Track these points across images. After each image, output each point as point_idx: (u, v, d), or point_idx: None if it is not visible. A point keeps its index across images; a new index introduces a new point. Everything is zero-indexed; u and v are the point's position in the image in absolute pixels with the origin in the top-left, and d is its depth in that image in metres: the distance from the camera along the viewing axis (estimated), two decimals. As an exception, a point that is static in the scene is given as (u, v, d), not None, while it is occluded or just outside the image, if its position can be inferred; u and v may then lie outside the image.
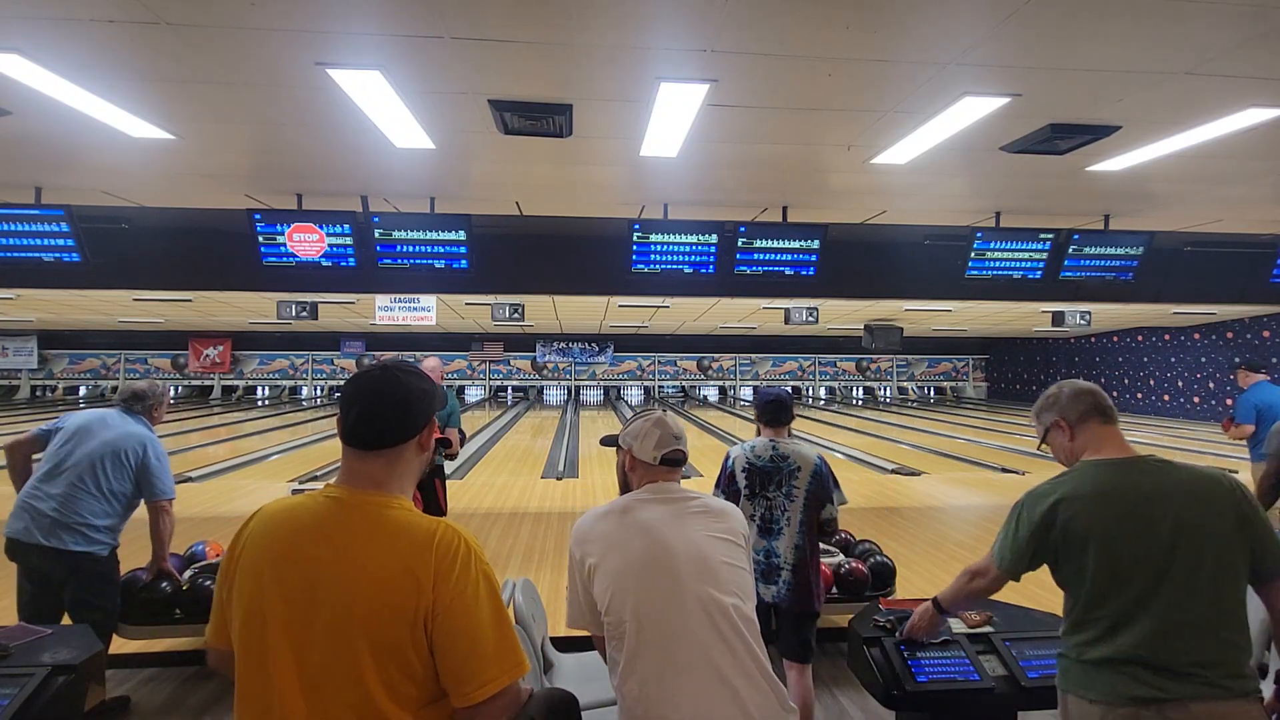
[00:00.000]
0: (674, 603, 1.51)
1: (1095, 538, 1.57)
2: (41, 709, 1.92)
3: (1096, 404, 1.73)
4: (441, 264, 5.24)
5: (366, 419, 1.22)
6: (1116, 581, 1.55)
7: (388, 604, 1.12)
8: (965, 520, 6.61)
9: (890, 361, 24.38)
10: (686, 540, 1.59)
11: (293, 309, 9.62)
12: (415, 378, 1.27)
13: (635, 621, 1.51)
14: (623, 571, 1.55)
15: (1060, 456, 1.82)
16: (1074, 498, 1.63)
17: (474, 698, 1.14)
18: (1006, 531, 1.76)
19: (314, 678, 1.11)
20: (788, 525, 2.71)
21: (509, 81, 3.18)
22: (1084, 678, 1.57)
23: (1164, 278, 6.33)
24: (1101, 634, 1.55)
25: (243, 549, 1.22)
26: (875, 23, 2.65)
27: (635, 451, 1.73)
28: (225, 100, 3.39)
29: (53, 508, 2.85)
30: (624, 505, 1.67)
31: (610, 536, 1.61)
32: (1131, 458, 1.67)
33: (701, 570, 1.55)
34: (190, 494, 7.49)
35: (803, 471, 2.77)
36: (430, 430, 1.29)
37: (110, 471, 2.95)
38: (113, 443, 2.98)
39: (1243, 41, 2.75)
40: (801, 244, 5.43)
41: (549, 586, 4.47)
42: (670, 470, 1.72)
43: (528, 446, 11.77)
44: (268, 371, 22.84)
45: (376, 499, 1.21)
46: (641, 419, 1.76)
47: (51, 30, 2.70)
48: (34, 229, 4.92)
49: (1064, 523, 1.62)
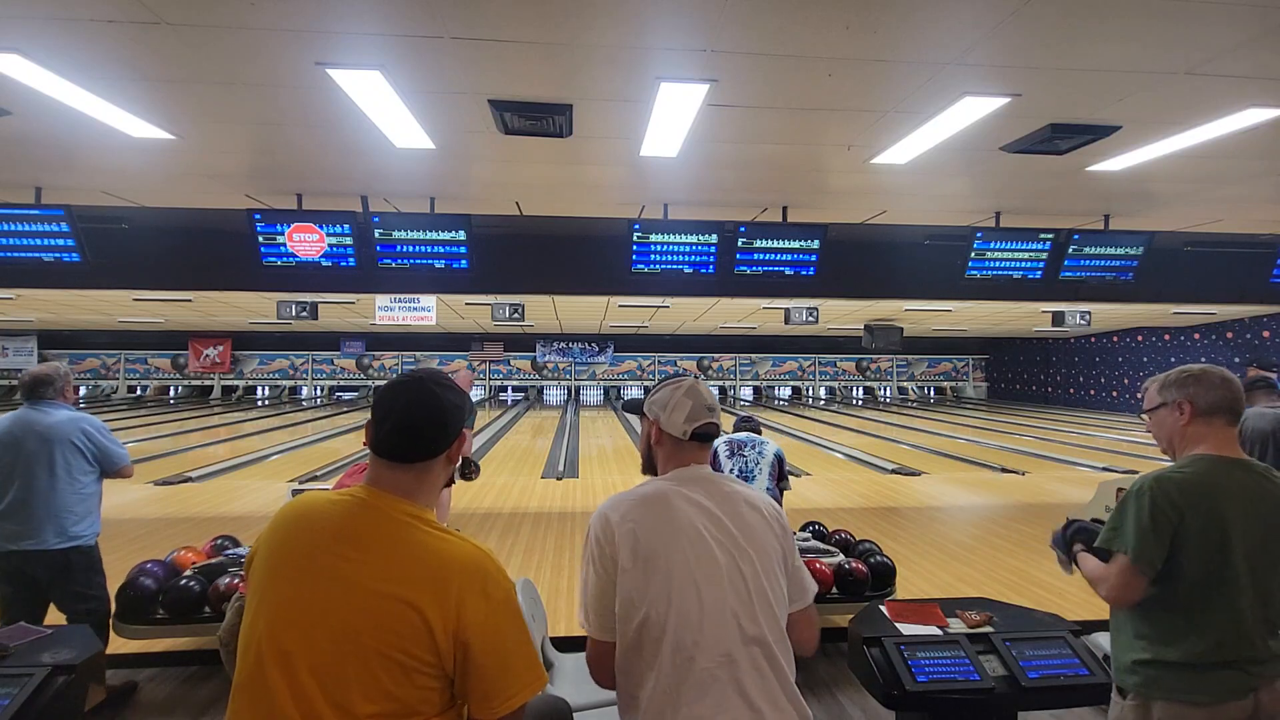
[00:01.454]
0: (709, 614, 1.36)
1: (1230, 536, 1.58)
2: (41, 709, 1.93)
3: (1233, 403, 1.69)
4: (441, 264, 5.24)
5: (401, 433, 1.22)
6: (1237, 583, 1.58)
7: (403, 618, 1.11)
8: (965, 520, 6.61)
9: (890, 361, 24.37)
10: (731, 544, 1.42)
11: (293, 309, 9.63)
12: (449, 392, 1.27)
13: (659, 628, 1.35)
14: (656, 572, 1.38)
15: (1160, 434, 1.79)
16: (1208, 493, 1.61)
17: (499, 711, 1.15)
18: (1136, 523, 1.62)
19: (311, 681, 1.09)
20: (759, 474, 3.92)
21: (509, 81, 3.18)
22: (1190, 682, 1.58)
23: (1164, 278, 6.33)
24: (1223, 636, 1.58)
25: (266, 543, 1.21)
26: (875, 23, 2.65)
27: (663, 424, 1.53)
28: (225, 100, 3.39)
29: (18, 517, 2.84)
30: (660, 493, 1.47)
31: (644, 530, 1.41)
32: (1246, 460, 1.69)
33: (741, 579, 1.39)
34: (190, 494, 7.50)
35: (766, 446, 4.07)
36: (460, 443, 1.29)
37: (68, 459, 2.92)
38: (54, 432, 2.92)
39: (1243, 41, 2.75)
40: (801, 244, 5.43)
41: (549, 586, 4.48)
42: (701, 446, 1.55)
43: (528, 446, 11.77)
44: (268, 371, 22.83)
45: (404, 508, 1.20)
46: (671, 387, 1.56)
47: (51, 30, 2.69)
48: (34, 229, 4.92)
49: (1204, 515, 1.59)
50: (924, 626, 2.33)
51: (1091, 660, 2.18)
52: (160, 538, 5.46)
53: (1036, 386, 22.18)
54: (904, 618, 2.39)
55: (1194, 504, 1.59)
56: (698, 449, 1.54)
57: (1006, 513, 6.85)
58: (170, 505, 6.91)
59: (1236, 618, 1.58)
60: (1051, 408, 20.05)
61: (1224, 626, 1.58)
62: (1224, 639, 1.58)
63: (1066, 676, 2.11)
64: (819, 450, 11.57)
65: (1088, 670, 2.13)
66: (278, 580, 1.16)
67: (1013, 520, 6.48)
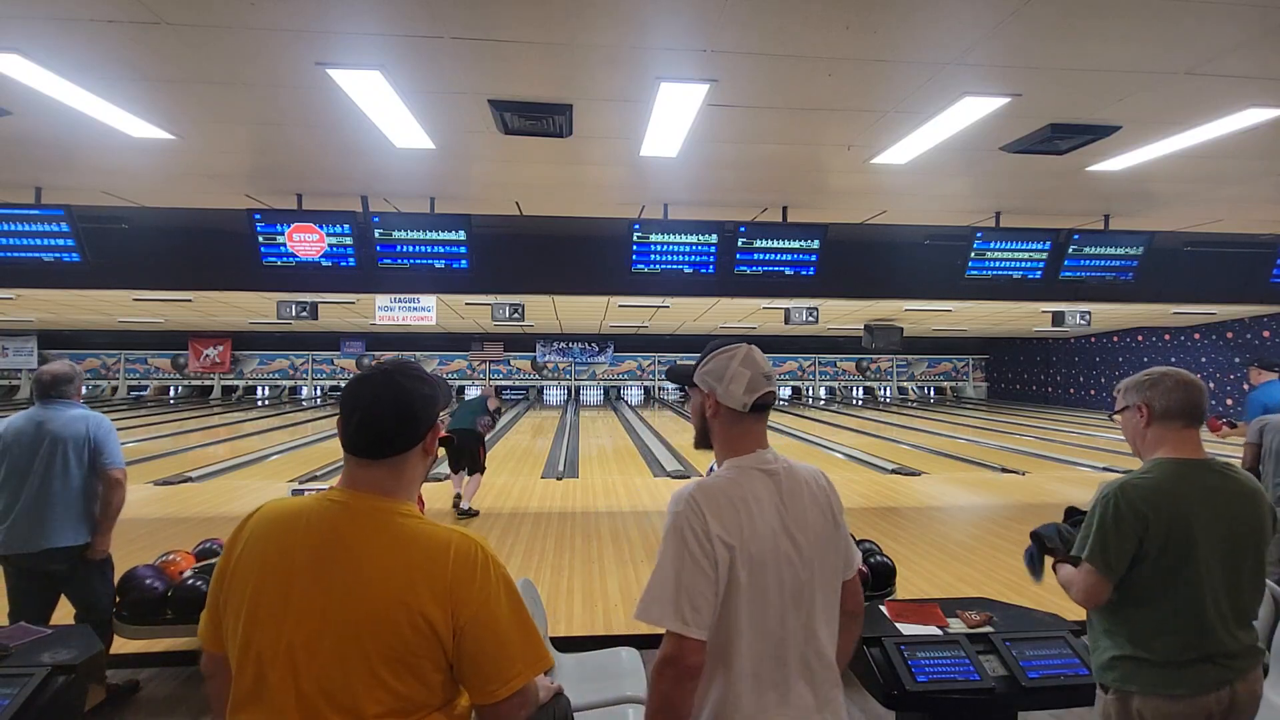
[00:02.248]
0: (787, 616, 1.32)
1: (1194, 537, 1.62)
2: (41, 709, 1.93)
3: (1188, 408, 1.71)
4: (441, 264, 5.24)
5: (368, 428, 1.18)
6: (1201, 583, 1.62)
7: (403, 615, 1.09)
8: (965, 520, 6.61)
9: (890, 361, 24.38)
10: (808, 547, 1.36)
11: (293, 309, 9.63)
12: (417, 382, 1.23)
13: (735, 628, 1.29)
14: (755, 567, 1.30)
15: (1126, 436, 1.85)
16: (1170, 496, 1.65)
17: (498, 695, 1.14)
18: (1099, 529, 1.67)
19: (315, 688, 1.08)
20: None
21: (509, 81, 3.18)
22: (1168, 677, 1.62)
23: (1164, 278, 6.33)
24: (1192, 633, 1.62)
25: (242, 550, 1.17)
26: (875, 23, 2.65)
27: (720, 396, 1.43)
28: (225, 100, 3.39)
29: (30, 512, 2.88)
30: (742, 479, 1.38)
31: (743, 518, 1.31)
32: (1206, 460, 1.71)
33: (810, 583, 1.35)
34: (190, 494, 7.50)
35: None
36: (434, 435, 1.25)
37: (76, 458, 2.95)
38: (67, 429, 2.94)
39: (1243, 41, 2.75)
40: (801, 244, 5.43)
41: (549, 586, 4.48)
42: (759, 418, 1.45)
43: (528, 446, 11.77)
44: (268, 371, 22.85)
45: (384, 504, 1.18)
46: (725, 355, 1.46)
47: (51, 30, 2.69)
48: (34, 229, 4.92)
49: (1167, 519, 1.62)
50: (924, 626, 2.33)
51: (1091, 660, 2.18)
52: (160, 538, 5.45)
53: (1036, 386, 22.19)
54: (904, 618, 2.39)
55: (1157, 507, 1.63)
56: (756, 420, 1.44)
57: (1006, 513, 6.85)
58: (170, 505, 6.91)
59: (1201, 615, 1.62)
60: (1051, 408, 20.05)
61: (1191, 624, 1.63)
62: (1190, 638, 1.62)
63: (1066, 676, 2.11)
64: (819, 450, 11.57)
65: (1088, 670, 2.13)
66: (266, 594, 1.12)
67: (1013, 520, 6.48)
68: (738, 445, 1.44)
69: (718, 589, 1.28)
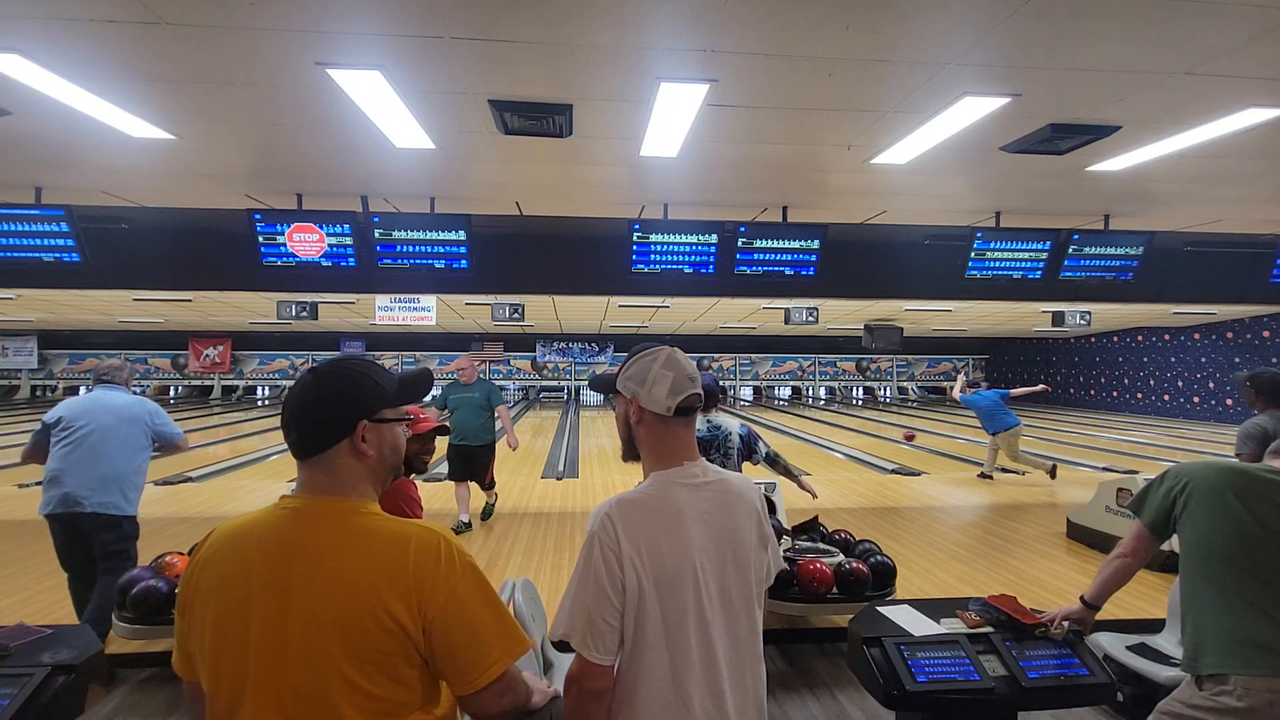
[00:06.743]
0: (703, 632, 1.31)
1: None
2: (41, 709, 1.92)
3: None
4: (441, 264, 5.24)
5: (286, 429, 1.19)
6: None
7: (369, 615, 1.07)
8: (965, 520, 6.61)
9: (890, 361, 24.38)
10: (733, 563, 1.35)
11: (293, 309, 9.63)
12: (332, 381, 1.19)
13: (645, 646, 1.28)
14: (667, 586, 1.29)
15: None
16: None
17: (478, 684, 1.13)
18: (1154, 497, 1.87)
19: (293, 701, 1.07)
20: (730, 467, 3.63)
21: (509, 81, 3.18)
22: (1258, 658, 1.65)
23: (1164, 278, 6.33)
24: (1273, 618, 1.67)
25: (199, 574, 1.14)
26: (875, 23, 2.65)
27: (642, 401, 1.39)
28: (225, 100, 3.39)
29: (89, 478, 3.35)
30: (666, 493, 1.36)
31: (660, 535, 1.30)
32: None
33: (729, 599, 1.34)
34: (190, 494, 7.50)
35: (732, 435, 3.77)
36: (366, 432, 1.18)
37: (132, 433, 3.51)
38: (123, 412, 3.52)
39: (1243, 41, 2.75)
40: (801, 244, 5.44)
41: (549, 586, 4.48)
42: (686, 421, 1.41)
43: (528, 446, 11.76)
44: (268, 371, 22.84)
45: (340, 504, 1.16)
46: (646, 358, 1.41)
47: (51, 30, 2.69)
48: (34, 229, 4.93)
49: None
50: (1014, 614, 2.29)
51: (1092, 660, 2.17)
52: (161, 538, 5.45)
53: (1036, 386, 22.18)
54: (1001, 603, 2.37)
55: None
56: (683, 424, 1.41)
57: (1006, 513, 6.85)
58: (170, 505, 6.91)
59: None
60: (1051, 408, 20.05)
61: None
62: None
63: (1066, 676, 2.11)
64: (819, 450, 11.57)
65: (1088, 670, 2.13)
66: (229, 616, 1.10)
67: (1012, 520, 6.48)
68: (665, 455, 1.41)
69: (623, 615, 1.27)
